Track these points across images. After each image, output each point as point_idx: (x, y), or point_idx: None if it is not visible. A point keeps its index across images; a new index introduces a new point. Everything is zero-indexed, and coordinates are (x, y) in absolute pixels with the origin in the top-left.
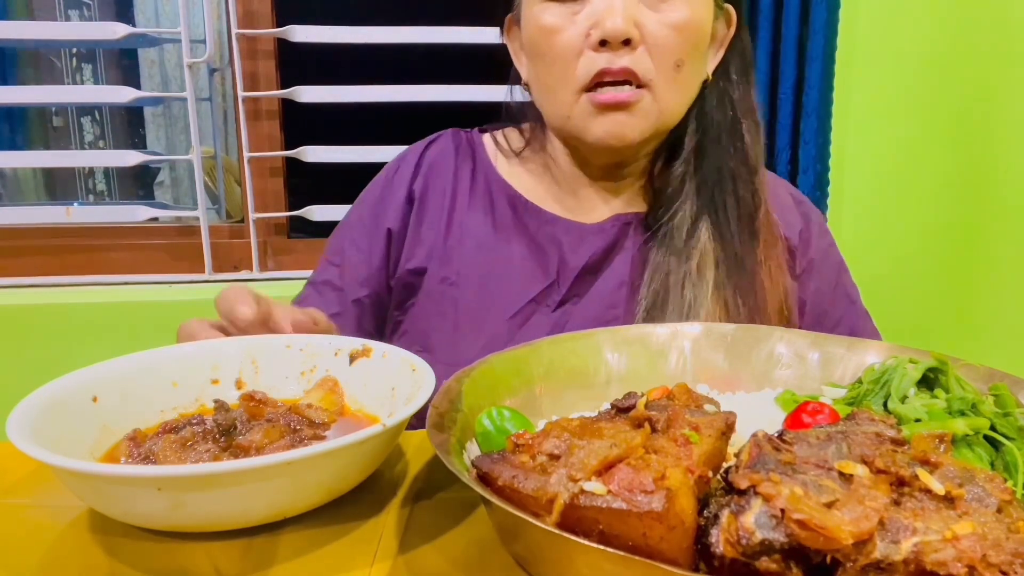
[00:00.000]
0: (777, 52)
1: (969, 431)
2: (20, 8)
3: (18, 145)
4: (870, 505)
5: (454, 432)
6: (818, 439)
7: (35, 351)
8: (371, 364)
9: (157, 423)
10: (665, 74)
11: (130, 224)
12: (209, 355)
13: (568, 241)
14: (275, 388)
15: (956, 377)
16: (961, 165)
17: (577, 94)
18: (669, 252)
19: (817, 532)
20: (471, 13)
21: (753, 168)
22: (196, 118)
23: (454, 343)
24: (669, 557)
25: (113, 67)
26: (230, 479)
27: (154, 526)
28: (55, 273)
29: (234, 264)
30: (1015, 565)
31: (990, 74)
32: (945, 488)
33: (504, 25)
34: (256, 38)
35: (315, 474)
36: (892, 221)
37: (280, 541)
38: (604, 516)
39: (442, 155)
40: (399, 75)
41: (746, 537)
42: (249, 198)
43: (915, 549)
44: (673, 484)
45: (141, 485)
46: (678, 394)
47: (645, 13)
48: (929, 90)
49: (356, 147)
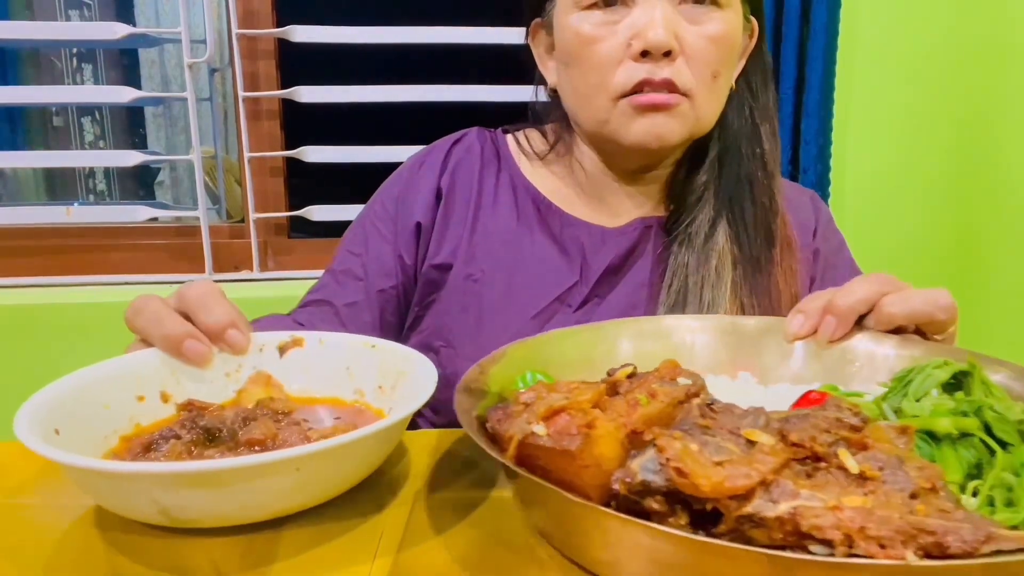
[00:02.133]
0: (777, 52)
1: (953, 430)
2: (20, 8)
3: (18, 145)
4: (756, 467)
5: (488, 389)
6: (744, 412)
7: (35, 351)
8: (307, 352)
9: (106, 450)
10: (704, 84)
11: (130, 224)
12: (128, 372)
13: (591, 243)
14: (202, 394)
15: (983, 380)
16: (961, 165)
17: (615, 100)
18: (689, 254)
19: (687, 479)
20: (471, 13)
21: (771, 173)
22: (196, 118)
23: (476, 339)
24: (582, 491)
25: (113, 67)
26: (255, 472)
27: (170, 524)
28: (55, 273)
29: (234, 264)
30: (895, 541)
31: (990, 74)
32: (860, 468)
33: (528, 29)
34: (256, 38)
35: (340, 462)
36: (893, 221)
37: (281, 539)
38: (541, 453)
39: (469, 153)
40: (399, 75)
41: (630, 477)
42: (249, 198)
43: (792, 510)
44: (596, 432)
45: (164, 483)
46: (662, 368)
47: (684, 26)
48: (930, 90)
49: (356, 147)
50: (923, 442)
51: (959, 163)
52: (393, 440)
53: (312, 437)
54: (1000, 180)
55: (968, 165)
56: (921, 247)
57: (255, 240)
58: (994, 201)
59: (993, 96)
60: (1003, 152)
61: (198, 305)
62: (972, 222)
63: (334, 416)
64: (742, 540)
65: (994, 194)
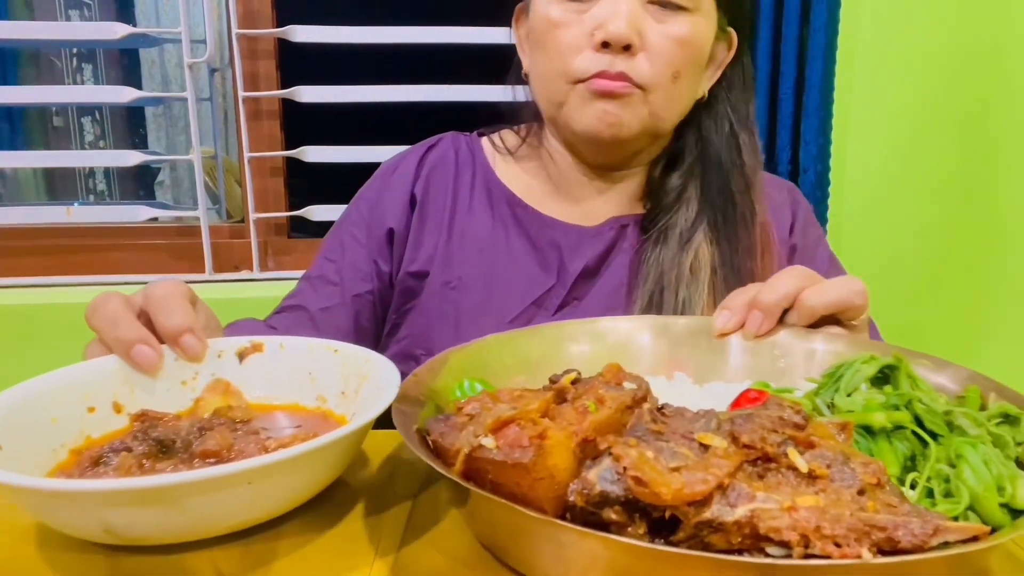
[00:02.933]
0: (777, 52)
1: (888, 424)
2: (20, 8)
3: (18, 145)
4: (712, 471)
5: (425, 399)
6: (695, 415)
7: (35, 351)
8: (267, 358)
9: (54, 465)
10: (661, 82)
11: (130, 224)
12: (78, 383)
13: (567, 244)
14: (158, 404)
15: (909, 374)
16: (961, 165)
17: (572, 84)
18: (664, 253)
19: (646, 488)
20: (471, 13)
21: (750, 182)
22: (196, 118)
23: (455, 345)
24: (537, 505)
25: (113, 67)
26: (205, 487)
27: (116, 542)
28: (55, 273)
29: (234, 264)
30: (849, 539)
31: (990, 74)
32: (810, 467)
33: (514, 15)
34: (256, 38)
35: (297, 473)
36: (893, 221)
37: (281, 539)
38: (491, 466)
39: (443, 159)
40: (399, 75)
41: (588, 488)
42: (249, 198)
43: (749, 514)
44: (548, 443)
45: (104, 501)
46: (606, 372)
47: (649, 23)
48: (930, 90)
49: (357, 147)
50: (860, 436)
51: (959, 162)
52: (354, 448)
53: (270, 447)
54: (999, 179)
55: (967, 164)
56: (921, 246)
57: (255, 240)
58: (994, 200)
59: (993, 95)
60: (1003, 151)
61: (159, 307)
62: (972, 221)
63: (295, 424)
64: (700, 546)
65: (994, 193)
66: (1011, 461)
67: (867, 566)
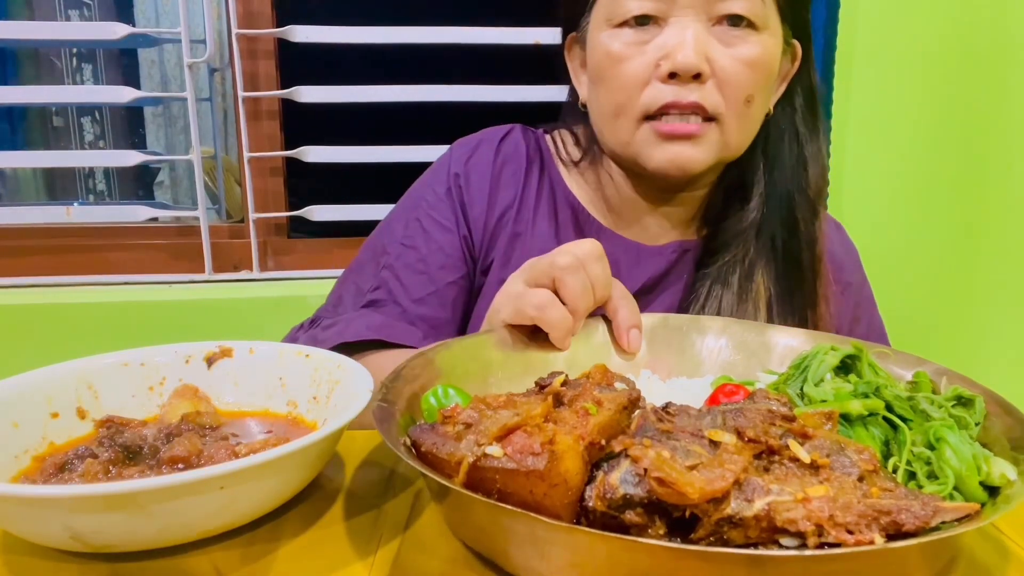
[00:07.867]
0: None
1: (864, 411)
2: (20, 8)
3: (18, 145)
4: (728, 468)
5: (401, 409)
6: (699, 412)
7: (35, 351)
8: (236, 363)
9: (17, 472)
10: (735, 109)
11: (130, 224)
12: (39, 387)
13: (627, 260)
14: (124, 409)
15: (870, 363)
16: (961, 165)
17: (639, 121)
18: (724, 292)
19: (671, 488)
20: (472, 13)
21: (815, 211)
22: (196, 118)
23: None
24: (552, 512)
25: (113, 67)
26: (175, 492)
27: (83, 549)
28: (55, 273)
29: (234, 264)
30: (860, 525)
31: (990, 74)
32: (811, 457)
33: (564, 43)
34: (256, 38)
35: (267, 478)
36: (892, 221)
37: (281, 539)
38: (500, 476)
39: (515, 153)
40: (399, 75)
41: (610, 492)
42: (249, 198)
43: (767, 507)
44: (559, 448)
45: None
46: (594, 373)
47: (716, 48)
48: (929, 90)
49: (356, 147)
50: (839, 424)
51: (959, 162)
52: (326, 453)
53: (240, 452)
54: (1000, 179)
55: (967, 164)
56: (921, 247)
57: (255, 240)
58: (994, 200)
59: (993, 95)
60: (1003, 151)
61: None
62: (972, 221)
63: (266, 429)
64: (720, 542)
65: (995, 195)
66: (976, 442)
67: (882, 550)
